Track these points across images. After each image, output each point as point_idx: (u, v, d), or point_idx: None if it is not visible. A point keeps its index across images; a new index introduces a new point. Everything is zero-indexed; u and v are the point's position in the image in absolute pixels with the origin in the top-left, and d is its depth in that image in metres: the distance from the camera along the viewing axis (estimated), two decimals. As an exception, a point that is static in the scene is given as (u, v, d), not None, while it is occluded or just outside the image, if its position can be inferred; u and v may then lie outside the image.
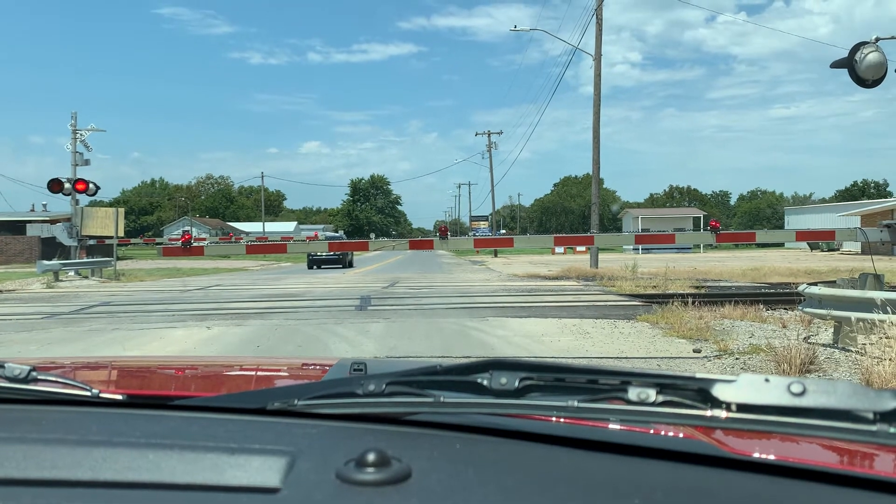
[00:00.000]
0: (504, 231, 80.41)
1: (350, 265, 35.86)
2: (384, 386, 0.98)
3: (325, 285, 20.56)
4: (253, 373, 2.13)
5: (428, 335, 9.43)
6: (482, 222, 69.65)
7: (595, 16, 25.54)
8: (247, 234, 72.00)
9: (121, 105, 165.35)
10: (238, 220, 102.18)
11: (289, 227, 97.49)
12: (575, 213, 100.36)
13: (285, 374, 2.10)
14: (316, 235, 47.02)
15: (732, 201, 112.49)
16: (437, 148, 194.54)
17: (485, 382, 0.93)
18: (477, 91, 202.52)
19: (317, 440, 0.95)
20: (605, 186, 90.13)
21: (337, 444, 0.93)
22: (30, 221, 39.16)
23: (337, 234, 55.73)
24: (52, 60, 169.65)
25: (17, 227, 43.16)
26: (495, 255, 49.45)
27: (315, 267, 34.63)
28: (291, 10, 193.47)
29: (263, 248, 26.91)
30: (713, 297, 12.76)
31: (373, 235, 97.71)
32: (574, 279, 21.66)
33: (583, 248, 46.25)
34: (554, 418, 1.00)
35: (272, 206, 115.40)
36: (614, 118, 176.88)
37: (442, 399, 0.94)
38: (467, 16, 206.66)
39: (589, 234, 23.99)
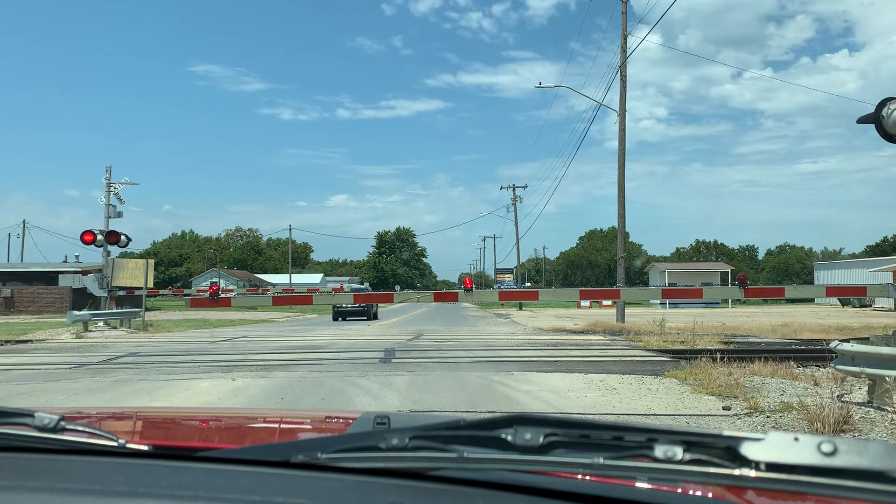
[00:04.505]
0: (529, 284, 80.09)
1: (375, 317, 35.87)
2: (407, 440, 0.98)
3: (350, 337, 20.55)
4: (277, 425, 2.13)
5: (452, 389, 9.35)
6: (507, 275, 69.47)
7: (619, 73, 25.87)
8: (274, 285, 72.63)
9: (154, 159, 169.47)
10: (266, 271, 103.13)
11: (315, 278, 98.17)
12: (600, 266, 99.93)
13: (309, 426, 2.09)
14: (341, 287, 47.28)
15: (760, 256, 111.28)
16: (463, 201, 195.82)
17: (509, 438, 0.93)
18: (503, 145, 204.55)
19: (340, 494, 0.95)
20: (630, 240, 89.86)
21: (360, 499, 0.93)
22: (62, 272, 39.92)
23: (362, 287, 55.98)
24: (89, 116, 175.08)
25: (50, 278, 43.99)
26: (520, 308, 49.21)
27: (340, 319, 34.69)
28: (321, 67, 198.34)
29: (290, 299, 27.12)
30: (743, 353, 12.51)
31: (398, 287, 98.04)
32: (600, 333, 21.42)
33: (609, 302, 45.86)
34: (579, 476, 0.99)
35: (299, 258, 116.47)
36: (639, 172, 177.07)
37: (466, 454, 0.94)
38: (493, 73, 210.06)
39: (615, 287, 23.81)
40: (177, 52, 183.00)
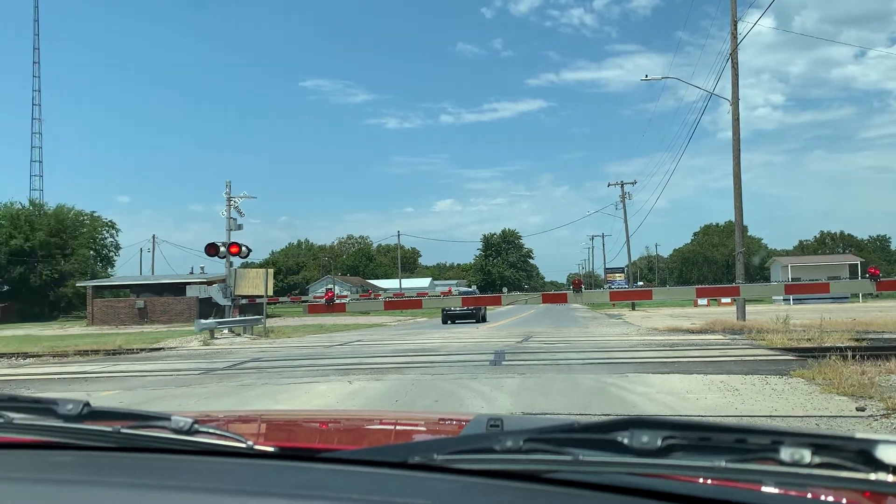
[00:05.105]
0: (641, 283, 78.08)
1: (483, 319, 35.99)
2: (522, 443, 0.98)
3: (460, 340, 20.71)
4: (392, 427, 2.18)
5: (564, 391, 9.24)
6: (618, 274, 67.97)
7: (730, 60, 24.82)
8: (384, 290, 74.20)
9: (271, 172, 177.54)
10: (377, 277, 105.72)
11: (424, 283, 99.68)
12: (717, 262, 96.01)
13: (423, 428, 2.13)
14: (450, 291, 47.69)
15: (893, 246, 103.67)
16: (569, 200, 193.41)
17: (625, 441, 0.91)
18: (608, 142, 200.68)
19: (456, 495, 0.96)
20: (749, 234, 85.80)
21: (475, 500, 0.94)
22: (189, 283, 42.42)
23: (470, 290, 56.28)
24: (211, 135, 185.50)
25: (178, 289, 46.85)
26: (633, 308, 48.03)
27: (449, 322, 35.03)
28: (423, 75, 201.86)
29: (400, 304, 27.55)
30: (877, 350, 11.68)
31: (505, 290, 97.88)
32: (719, 333, 20.58)
33: (727, 300, 44.00)
34: (700, 479, 0.96)
35: (408, 263, 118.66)
36: (755, 163, 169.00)
37: (581, 457, 0.93)
38: (596, 68, 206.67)
39: (734, 284, 22.80)
40: (290, 70, 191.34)
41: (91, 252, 72.08)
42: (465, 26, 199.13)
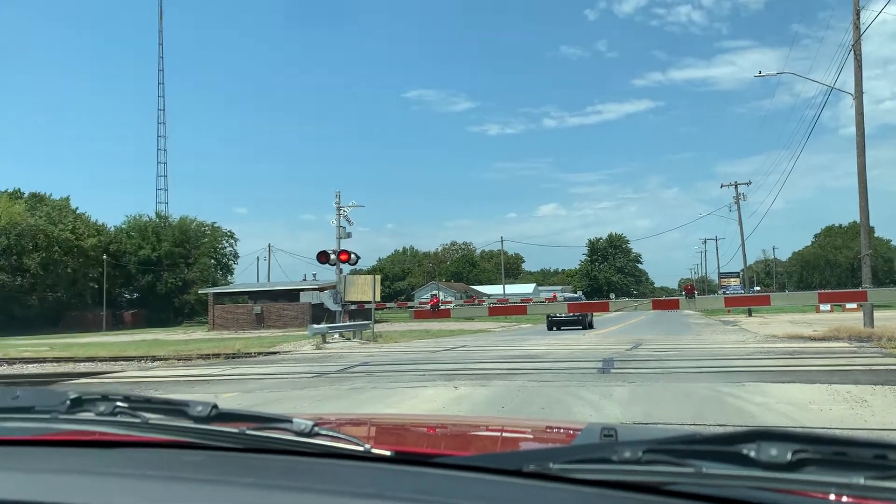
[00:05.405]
0: (758, 288, 74.58)
1: (590, 326, 35.36)
2: (640, 453, 0.95)
3: (566, 347, 20.45)
4: (500, 433, 2.18)
5: (677, 400, 8.94)
6: (732, 279, 65.21)
7: (852, 52, 23.36)
8: (488, 296, 74.32)
9: (377, 181, 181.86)
10: (480, 283, 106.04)
11: (527, 288, 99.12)
12: (840, 266, 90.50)
13: (532, 436, 2.11)
14: (554, 297, 47.18)
15: None
16: (678, 203, 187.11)
17: (751, 454, 0.87)
18: (720, 141, 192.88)
19: None
20: (876, 235, 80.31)
21: (593, 511, 0.92)
22: (302, 290, 43.99)
23: (575, 295, 55.48)
24: (320, 147, 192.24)
25: (292, 295, 48.75)
26: (749, 315, 45.90)
27: (554, 328, 34.63)
28: (525, 81, 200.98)
29: (504, 309, 27.61)
30: None
31: (612, 295, 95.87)
32: (844, 340, 19.35)
33: (853, 306, 41.28)
34: (833, 496, 0.90)
35: (511, 268, 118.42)
36: (883, 160, 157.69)
37: (704, 470, 0.89)
38: (706, 66, 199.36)
39: (860, 289, 21.40)
40: (393, 82, 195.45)
41: (212, 261, 76.31)
42: (567, 30, 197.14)
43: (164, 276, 70.43)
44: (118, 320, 64.28)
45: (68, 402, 1.27)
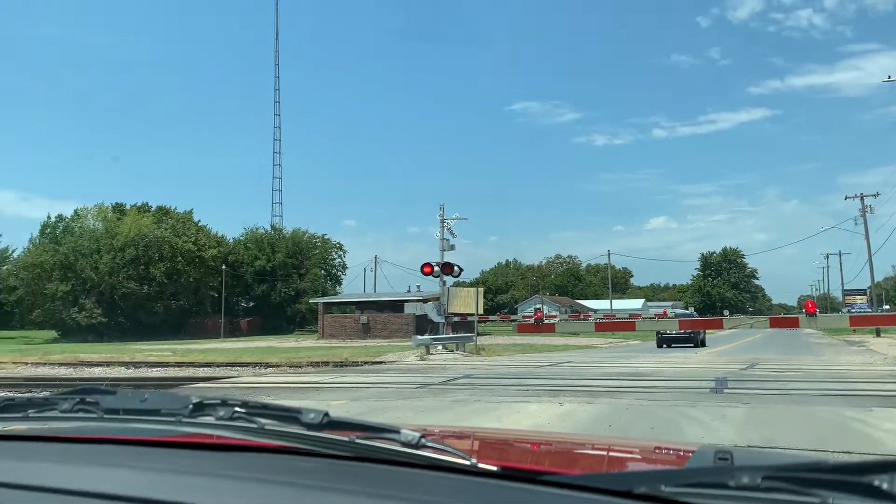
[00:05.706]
0: (888, 307, 69.49)
1: (702, 344, 34.06)
2: (759, 479, 0.90)
3: (676, 365, 19.76)
4: (606, 452, 2.12)
5: (796, 425, 8.46)
6: (858, 297, 61.16)
7: None
8: (594, 311, 72.96)
9: (480, 193, 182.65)
10: (586, 297, 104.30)
11: (636, 304, 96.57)
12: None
13: (641, 456, 2.05)
14: (665, 313, 45.72)
15: None
16: (798, 216, 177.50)
17: (884, 486, 0.81)
18: (844, 150, 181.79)
19: None
20: None
21: (708, 539, 0.88)
22: (407, 301, 44.81)
23: (687, 312, 53.61)
24: (425, 161, 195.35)
25: (397, 306, 49.65)
26: (877, 335, 42.88)
27: (664, 345, 33.58)
28: (634, 90, 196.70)
29: (611, 325, 26.99)
30: None
31: (726, 312, 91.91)
32: None
33: None
34: None
35: (619, 283, 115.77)
36: None
37: (830, 501, 0.84)
38: (828, 72, 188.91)
39: None
40: (498, 95, 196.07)
41: (322, 271, 78.88)
42: (678, 37, 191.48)
43: (277, 285, 73.44)
44: (235, 327, 67.57)
45: (191, 406, 1.34)
